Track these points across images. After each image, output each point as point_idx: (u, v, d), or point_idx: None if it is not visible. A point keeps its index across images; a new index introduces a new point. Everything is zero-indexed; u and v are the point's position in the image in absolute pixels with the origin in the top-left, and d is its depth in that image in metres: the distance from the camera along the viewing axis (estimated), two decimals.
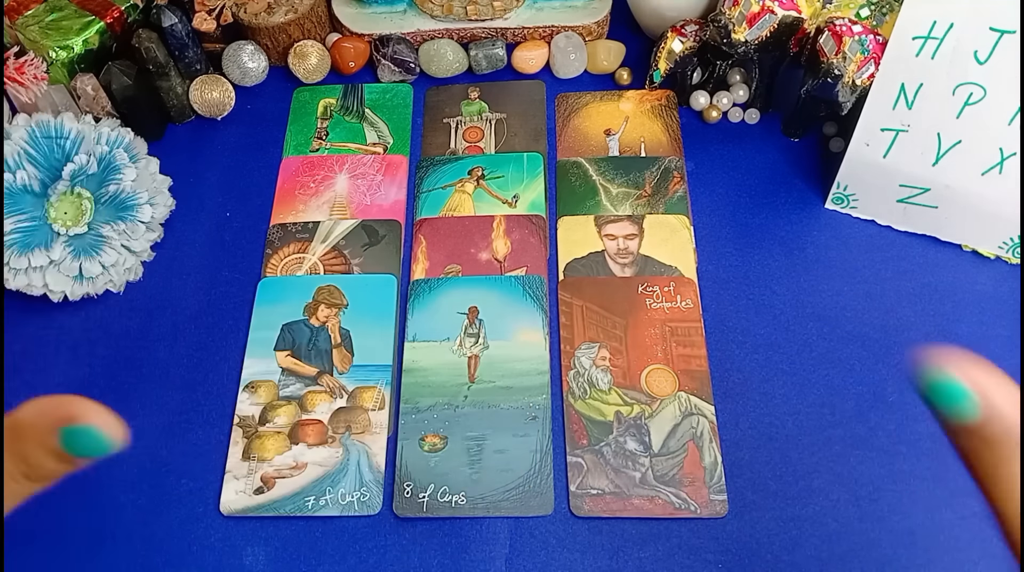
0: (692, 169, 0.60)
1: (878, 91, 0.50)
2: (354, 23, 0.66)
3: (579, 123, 0.62)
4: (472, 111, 0.64)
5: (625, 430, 0.48)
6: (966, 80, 0.48)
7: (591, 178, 0.59)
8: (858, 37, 0.53)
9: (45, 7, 0.59)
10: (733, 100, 0.62)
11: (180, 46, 0.60)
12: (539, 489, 0.46)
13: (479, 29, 0.66)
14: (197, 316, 0.54)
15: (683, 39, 0.59)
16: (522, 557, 0.45)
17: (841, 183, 0.56)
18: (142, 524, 0.46)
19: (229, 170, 0.61)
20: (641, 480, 0.46)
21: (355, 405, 0.50)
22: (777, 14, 0.54)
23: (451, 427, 0.49)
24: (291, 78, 0.66)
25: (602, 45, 0.65)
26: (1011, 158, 0.49)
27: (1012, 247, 0.53)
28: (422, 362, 0.51)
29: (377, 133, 0.63)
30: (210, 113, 0.63)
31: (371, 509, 0.46)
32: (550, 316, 0.53)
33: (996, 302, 0.53)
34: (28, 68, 0.56)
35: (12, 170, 0.52)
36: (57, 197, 0.53)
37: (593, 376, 0.50)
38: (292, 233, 0.57)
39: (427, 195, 0.59)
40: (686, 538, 0.45)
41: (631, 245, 0.56)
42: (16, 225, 0.51)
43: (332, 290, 0.54)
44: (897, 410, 0.49)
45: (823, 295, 0.53)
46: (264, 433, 0.49)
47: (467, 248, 0.56)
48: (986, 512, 0.46)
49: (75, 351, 0.53)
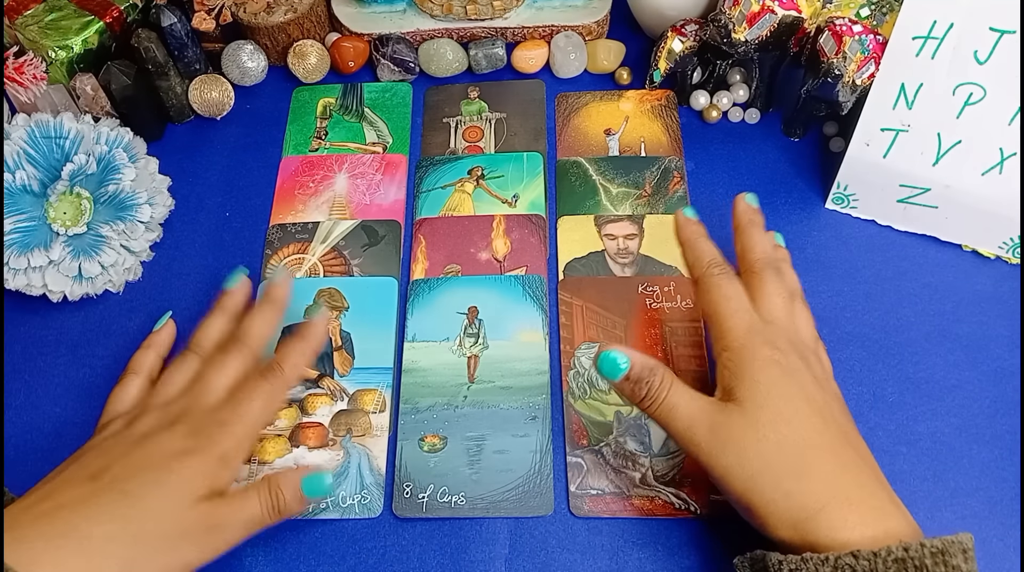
0: (692, 169, 0.60)
1: (878, 91, 0.50)
2: (354, 23, 0.66)
3: (579, 123, 0.62)
4: (472, 111, 0.63)
5: (625, 430, 0.48)
6: (966, 80, 0.48)
7: (591, 178, 0.59)
8: (858, 37, 0.53)
9: (44, 7, 0.59)
10: (733, 100, 0.62)
11: (179, 46, 0.60)
12: (539, 489, 0.46)
13: (479, 29, 0.66)
14: (197, 316, 0.54)
15: (683, 39, 0.59)
16: (522, 557, 0.45)
17: (841, 183, 0.56)
18: None
19: (228, 170, 0.61)
20: (641, 480, 0.46)
21: (356, 408, 0.50)
22: (777, 14, 0.54)
23: (451, 427, 0.49)
24: (290, 78, 0.66)
25: (602, 45, 0.65)
26: (1011, 158, 0.49)
27: (1012, 247, 0.53)
28: (422, 362, 0.51)
29: (376, 133, 0.63)
30: (209, 113, 0.63)
31: (372, 512, 0.46)
32: (550, 316, 0.53)
33: (996, 302, 0.53)
34: (27, 68, 0.56)
35: (11, 170, 0.52)
36: (56, 197, 0.53)
37: (593, 376, 0.50)
38: (292, 233, 0.57)
39: (427, 195, 0.59)
40: (686, 538, 0.45)
41: (631, 245, 0.56)
42: (15, 225, 0.51)
43: (333, 293, 0.54)
44: (897, 410, 0.49)
45: (823, 295, 0.53)
46: (264, 436, 0.49)
47: (467, 248, 0.56)
48: (986, 512, 0.46)
49: (75, 351, 0.53)
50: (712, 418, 0.39)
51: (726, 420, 0.39)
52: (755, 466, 0.38)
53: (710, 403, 0.40)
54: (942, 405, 0.49)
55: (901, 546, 0.34)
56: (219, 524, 0.39)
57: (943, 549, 0.34)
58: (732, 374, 0.40)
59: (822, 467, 0.37)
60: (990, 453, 0.47)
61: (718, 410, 0.39)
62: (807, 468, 0.37)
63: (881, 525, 0.36)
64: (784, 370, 0.40)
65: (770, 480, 0.37)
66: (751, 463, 0.38)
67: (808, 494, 0.37)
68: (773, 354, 0.40)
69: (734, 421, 0.39)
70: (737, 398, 0.39)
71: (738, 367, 0.40)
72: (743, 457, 0.38)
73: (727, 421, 0.39)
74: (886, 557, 0.34)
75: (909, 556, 0.34)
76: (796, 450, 0.38)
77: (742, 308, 0.42)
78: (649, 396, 0.40)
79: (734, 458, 0.38)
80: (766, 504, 0.37)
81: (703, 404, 0.40)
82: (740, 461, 0.38)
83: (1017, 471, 0.46)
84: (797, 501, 0.37)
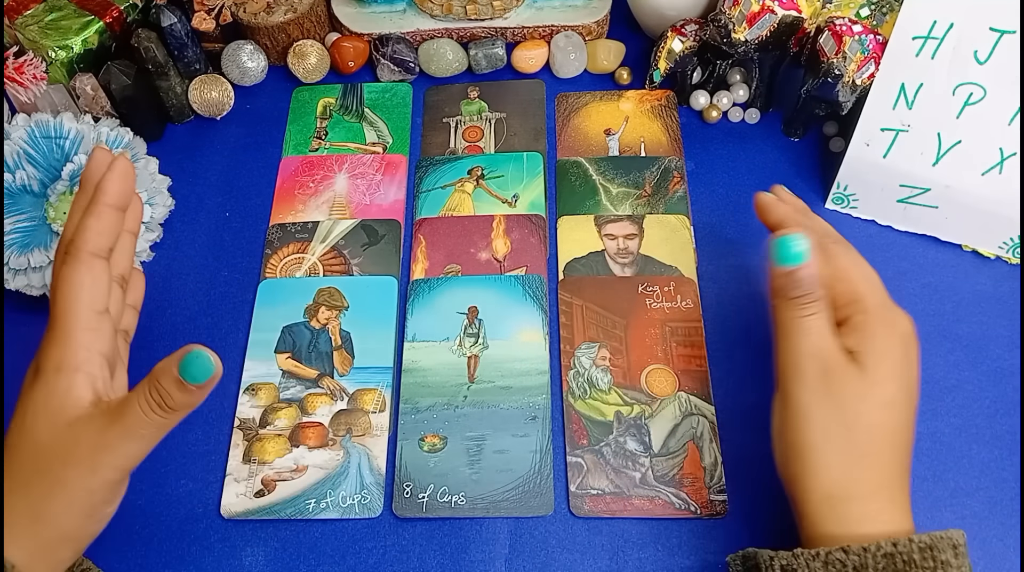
0: (692, 169, 0.60)
1: (878, 91, 0.50)
2: (353, 22, 0.66)
3: (579, 123, 0.62)
4: (472, 111, 0.63)
5: (625, 430, 0.48)
6: (966, 80, 0.48)
7: (591, 178, 0.59)
8: (858, 37, 0.53)
9: (44, 7, 0.59)
10: (733, 100, 0.62)
11: (179, 46, 0.60)
12: (539, 489, 0.46)
13: (479, 28, 0.66)
14: (196, 317, 0.54)
15: (683, 39, 0.59)
16: (522, 557, 0.45)
17: (841, 183, 0.56)
18: (142, 524, 0.46)
19: (228, 170, 0.61)
20: (641, 480, 0.46)
21: (356, 407, 0.50)
22: (777, 14, 0.54)
23: (451, 427, 0.49)
24: (290, 78, 0.66)
25: (602, 45, 0.65)
26: (1011, 158, 0.49)
27: (1012, 247, 0.53)
28: (422, 362, 0.51)
29: (376, 133, 0.63)
30: (209, 113, 0.63)
31: (372, 512, 0.46)
32: (550, 316, 0.53)
33: (996, 302, 0.53)
34: (27, 68, 0.56)
35: (11, 170, 0.52)
36: (56, 197, 0.53)
37: (593, 376, 0.50)
38: (291, 233, 0.57)
39: (427, 195, 0.59)
40: (686, 538, 0.45)
41: (631, 245, 0.56)
42: (15, 225, 0.51)
43: (333, 292, 0.54)
44: None
45: None
46: (265, 436, 0.49)
47: (467, 248, 0.56)
48: (986, 512, 0.46)
49: None
50: (833, 362, 0.38)
51: (843, 374, 0.38)
52: (839, 428, 0.37)
53: (841, 349, 0.39)
54: (942, 405, 0.49)
55: (890, 541, 0.35)
56: (104, 442, 0.36)
57: (931, 544, 0.35)
58: (864, 338, 0.39)
59: (891, 460, 0.38)
60: (990, 453, 0.47)
61: (843, 360, 0.38)
62: (879, 455, 0.38)
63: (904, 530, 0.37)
64: (908, 357, 0.40)
65: (843, 447, 0.37)
66: (838, 423, 0.37)
67: (863, 480, 0.37)
68: (905, 337, 0.40)
69: (849, 379, 0.38)
70: (860, 361, 0.38)
71: (874, 334, 0.39)
72: (836, 413, 0.38)
73: (844, 375, 0.38)
74: (876, 552, 0.35)
75: (898, 551, 0.35)
76: (882, 434, 0.38)
77: (874, 277, 0.42)
78: (800, 301, 0.39)
79: (827, 410, 0.38)
80: (824, 465, 0.37)
81: (836, 345, 0.39)
82: (830, 414, 0.38)
83: (1017, 471, 0.46)
84: (852, 477, 0.37)
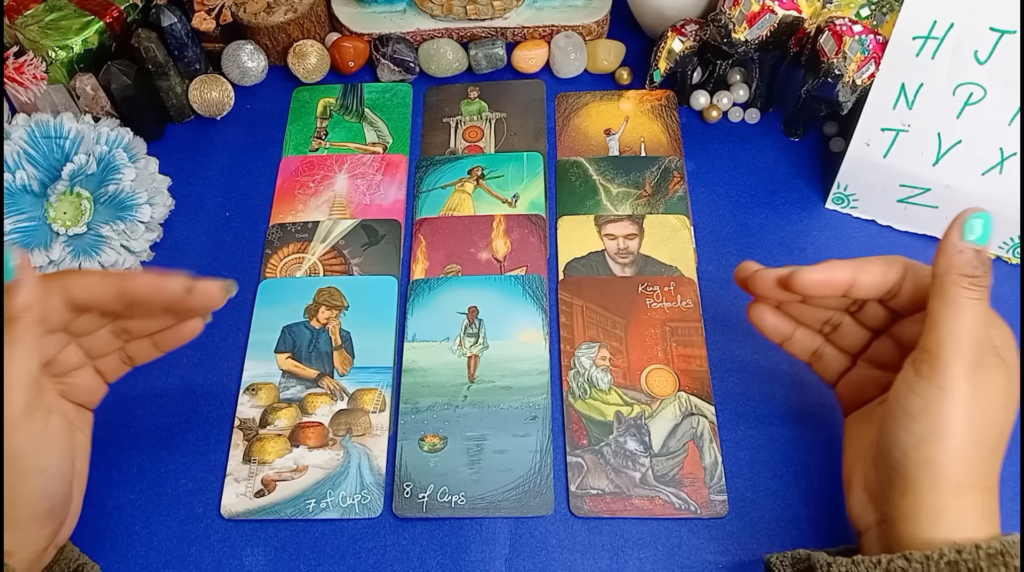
0: (692, 169, 0.60)
1: (878, 91, 0.50)
2: (354, 22, 0.66)
3: (579, 123, 0.62)
4: (472, 110, 0.63)
5: (625, 430, 0.48)
6: (966, 80, 0.48)
7: (591, 178, 0.59)
8: (858, 37, 0.53)
9: (44, 7, 0.59)
10: (733, 100, 0.62)
11: (179, 46, 0.60)
12: (539, 489, 0.46)
13: (479, 28, 0.66)
14: None
15: (683, 39, 0.59)
16: (522, 557, 0.45)
17: (841, 183, 0.56)
18: (142, 524, 0.46)
19: (228, 170, 0.61)
20: (641, 480, 0.46)
21: (356, 407, 0.50)
22: (777, 14, 0.54)
23: (451, 427, 0.49)
24: (290, 78, 0.66)
25: (602, 45, 0.65)
26: (1011, 158, 0.49)
27: (1012, 247, 0.53)
28: (422, 362, 0.51)
29: (377, 133, 0.63)
30: (209, 113, 0.63)
31: (372, 512, 0.46)
32: (550, 316, 0.53)
33: (996, 302, 0.52)
34: (27, 68, 0.56)
35: (12, 170, 0.52)
36: (56, 197, 0.53)
37: (593, 376, 0.50)
38: (292, 233, 0.57)
39: (427, 195, 0.59)
40: (686, 538, 0.45)
41: (631, 245, 0.56)
42: (16, 225, 0.51)
43: (333, 292, 0.54)
44: None
45: None
46: (265, 436, 0.49)
47: (467, 248, 0.56)
48: None
49: None
50: (988, 350, 0.36)
51: (996, 364, 0.35)
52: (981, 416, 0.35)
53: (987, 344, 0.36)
54: None
55: (954, 548, 0.33)
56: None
57: (1002, 550, 0.33)
58: (1006, 335, 0.37)
59: (999, 461, 0.36)
60: None
61: (994, 350, 0.36)
62: (999, 454, 0.36)
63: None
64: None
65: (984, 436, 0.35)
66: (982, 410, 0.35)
67: (994, 473, 0.36)
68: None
69: (998, 371, 0.35)
70: (1003, 357, 0.36)
71: (1010, 335, 0.37)
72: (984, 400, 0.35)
73: (996, 366, 0.35)
74: (938, 560, 0.33)
75: (962, 559, 0.33)
76: (1004, 433, 0.36)
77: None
78: (978, 281, 0.36)
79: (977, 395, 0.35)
80: (963, 450, 0.34)
81: (984, 338, 0.36)
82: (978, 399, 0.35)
83: (1017, 471, 0.46)
84: (989, 467, 0.35)
